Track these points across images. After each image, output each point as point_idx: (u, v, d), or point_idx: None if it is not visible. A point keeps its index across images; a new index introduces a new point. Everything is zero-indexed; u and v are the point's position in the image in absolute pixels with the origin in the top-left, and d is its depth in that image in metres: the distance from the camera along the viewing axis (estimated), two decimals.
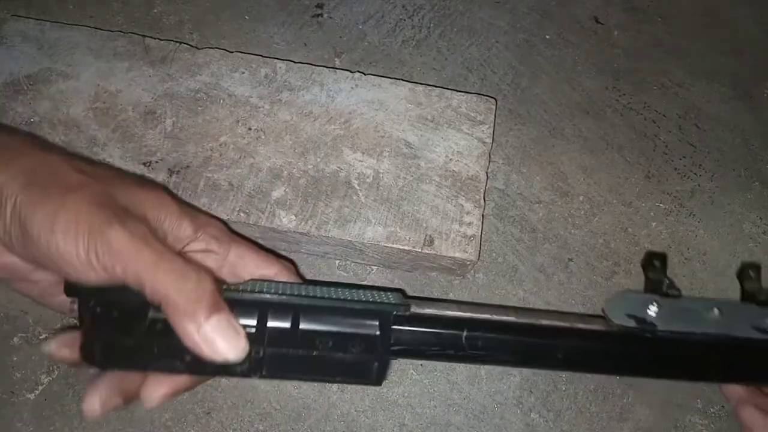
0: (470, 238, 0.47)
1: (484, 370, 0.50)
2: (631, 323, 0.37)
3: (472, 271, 0.53)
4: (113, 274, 0.27)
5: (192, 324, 0.27)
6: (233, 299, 0.30)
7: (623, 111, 0.63)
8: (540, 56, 0.65)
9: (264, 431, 0.46)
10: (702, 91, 0.65)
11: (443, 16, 0.67)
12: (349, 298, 0.33)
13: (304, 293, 0.32)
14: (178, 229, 0.32)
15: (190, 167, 0.48)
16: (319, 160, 0.50)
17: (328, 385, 0.48)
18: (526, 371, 0.50)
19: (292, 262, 0.41)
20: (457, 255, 0.47)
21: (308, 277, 0.52)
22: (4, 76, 0.51)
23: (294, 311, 0.31)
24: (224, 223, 0.35)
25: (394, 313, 0.32)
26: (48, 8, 0.61)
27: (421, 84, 0.54)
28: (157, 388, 0.31)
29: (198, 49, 0.54)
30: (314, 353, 0.31)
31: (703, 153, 0.62)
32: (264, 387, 0.48)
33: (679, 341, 0.38)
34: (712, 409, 0.50)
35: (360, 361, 0.32)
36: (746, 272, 0.42)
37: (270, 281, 0.34)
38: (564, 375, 0.50)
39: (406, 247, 0.47)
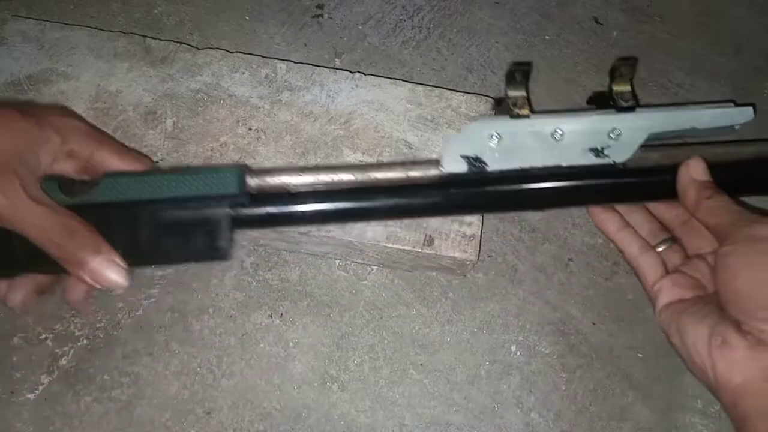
0: (470, 238, 0.47)
1: (483, 370, 0.50)
2: (463, 167, 0.39)
3: (471, 271, 0.53)
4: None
5: (78, 269, 0.33)
6: (85, 204, 0.36)
7: None
8: (540, 57, 0.66)
9: (264, 431, 0.46)
10: (702, 91, 0.65)
11: (443, 17, 0.67)
12: (191, 191, 0.37)
13: (149, 188, 0.37)
14: (48, 144, 0.36)
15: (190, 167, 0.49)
16: (319, 160, 0.50)
17: (328, 384, 0.48)
18: (526, 371, 0.50)
19: (150, 160, 0.47)
20: (456, 255, 0.47)
21: (308, 276, 0.52)
22: (4, 76, 0.51)
23: (140, 211, 0.37)
24: (88, 124, 0.41)
25: (231, 198, 0.37)
26: (48, 8, 0.62)
27: (421, 84, 0.54)
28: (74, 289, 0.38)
29: (198, 49, 0.54)
30: (164, 244, 0.37)
31: None
32: (264, 387, 0.48)
33: (508, 179, 0.39)
34: (712, 410, 0.50)
35: (206, 244, 0.37)
36: (618, 69, 0.40)
37: (122, 176, 0.38)
38: (564, 375, 0.50)
39: (406, 247, 0.47)
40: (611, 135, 0.39)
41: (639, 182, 0.41)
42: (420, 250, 0.47)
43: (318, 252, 0.52)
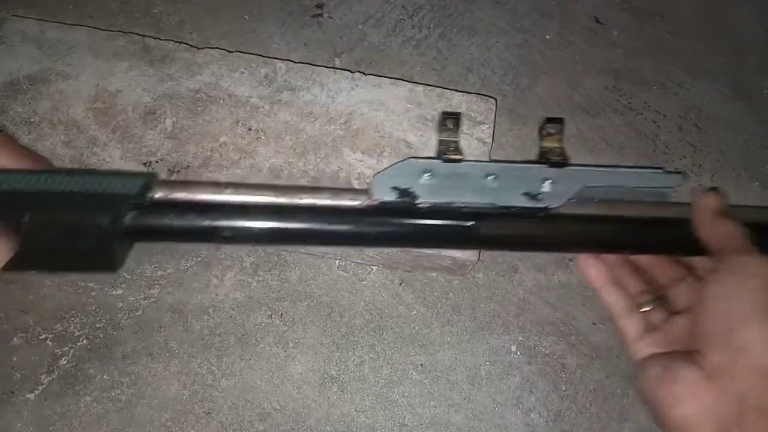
0: None
1: (484, 370, 0.50)
2: (393, 197, 0.37)
3: (472, 271, 0.53)
4: None
5: None
6: None
7: (623, 111, 0.63)
8: (540, 56, 0.65)
9: (264, 431, 0.46)
10: (702, 91, 0.65)
11: (443, 16, 0.67)
12: (84, 188, 0.33)
13: (40, 184, 0.33)
14: None
15: (190, 167, 0.48)
16: (319, 160, 0.50)
17: (328, 385, 0.48)
18: (526, 371, 0.50)
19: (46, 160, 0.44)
20: (457, 255, 0.47)
21: (308, 276, 0.52)
22: (3, 75, 0.51)
23: (22, 204, 0.32)
24: None
25: (130, 201, 0.33)
26: (48, 8, 0.61)
27: (421, 84, 0.54)
28: None
29: (198, 48, 0.54)
30: (49, 246, 0.32)
31: (703, 153, 0.62)
32: (264, 387, 0.48)
33: (438, 212, 0.37)
34: None
35: (94, 250, 0.32)
36: (545, 128, 0.41)
37: (9, 171, 0.33)
38: (564, 375, 0.50)
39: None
40: (543, 183, 0.39)
41: (578, 230, 0.39)
42: (420, 250, 0.47)
43: (318, 252, 0.52)
